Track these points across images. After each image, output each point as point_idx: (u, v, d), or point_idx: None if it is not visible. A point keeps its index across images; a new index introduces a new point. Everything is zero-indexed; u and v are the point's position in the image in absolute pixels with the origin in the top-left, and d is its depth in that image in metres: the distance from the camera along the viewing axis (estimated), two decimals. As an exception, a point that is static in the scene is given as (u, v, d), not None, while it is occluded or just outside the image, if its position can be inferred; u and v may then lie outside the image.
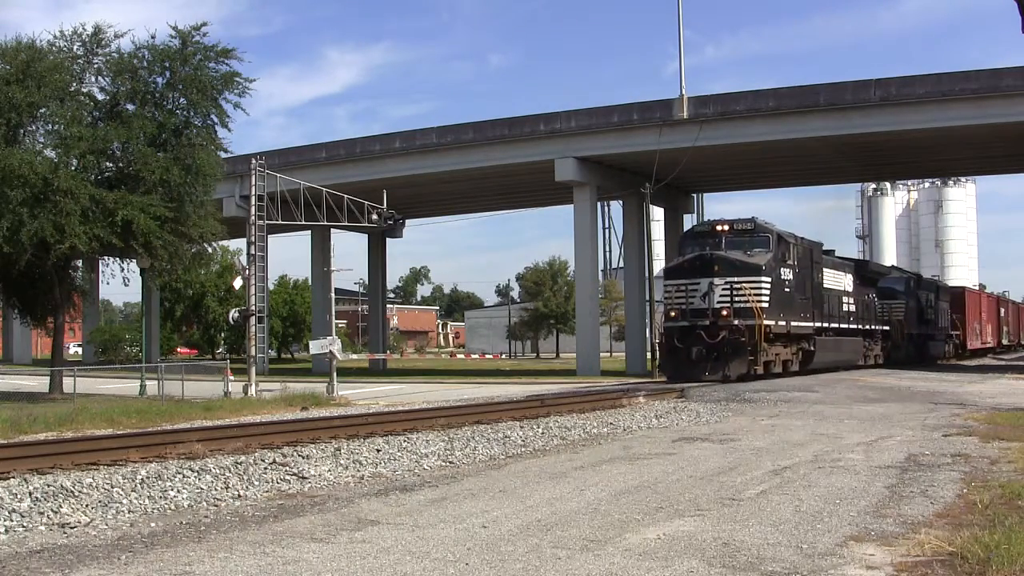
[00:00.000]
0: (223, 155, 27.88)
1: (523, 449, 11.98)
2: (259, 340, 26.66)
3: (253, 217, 25.93)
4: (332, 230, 48.11)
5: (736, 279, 24.12)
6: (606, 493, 8.48)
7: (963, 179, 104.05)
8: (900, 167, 49.64)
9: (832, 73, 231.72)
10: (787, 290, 25.75)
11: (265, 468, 9.69)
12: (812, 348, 27.73)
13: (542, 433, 13.40)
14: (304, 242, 52.52)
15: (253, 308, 25.47)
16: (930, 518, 7.27)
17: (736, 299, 24.00)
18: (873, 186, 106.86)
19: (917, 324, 41.88)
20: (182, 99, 25.61)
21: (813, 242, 29.10)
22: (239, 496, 8.51)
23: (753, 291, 23.96)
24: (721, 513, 7.51)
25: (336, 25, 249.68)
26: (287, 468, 9.71)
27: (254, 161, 26.75)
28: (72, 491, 8.18)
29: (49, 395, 25.51)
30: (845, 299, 31.98)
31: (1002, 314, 63.73)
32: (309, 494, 8.70)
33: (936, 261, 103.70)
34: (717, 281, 24.20)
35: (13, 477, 8.96)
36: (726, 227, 25.37)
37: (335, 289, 56.84)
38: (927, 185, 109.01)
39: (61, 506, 7.72)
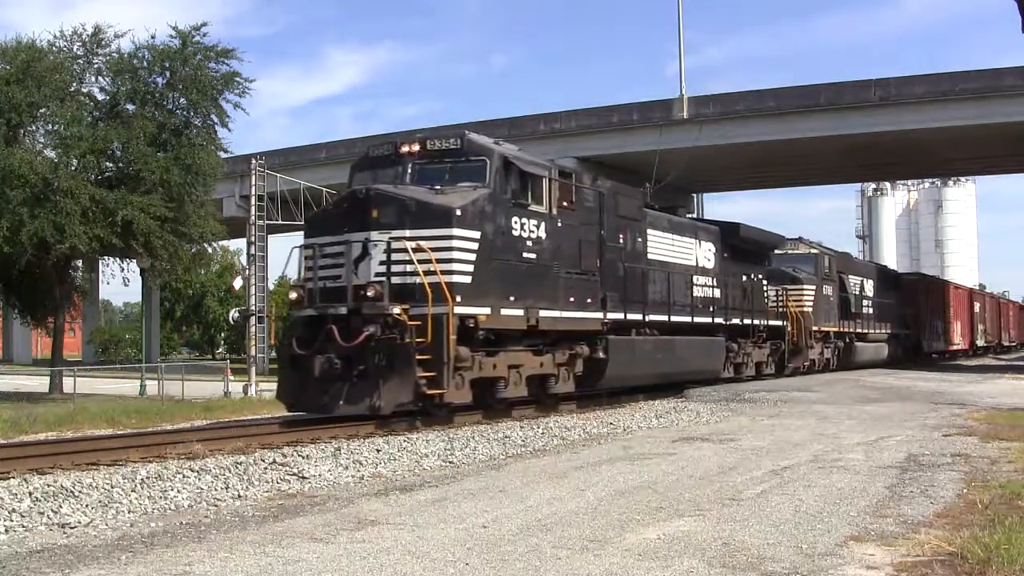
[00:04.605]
0: (223, 155, 27.92)
1: (523, 449, 11.98)
2: (259, 340, 26.67)
3: (253, 217, 25.95)
4: (332, 230, 47.98)
5: (406, 233, 13.35)
6: (606, 493, 8.48)
7: (963, 179, 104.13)
8: (900, 167, 49.67)
9: (832, 73, 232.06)
10: (529, 256, 15.02)
11: (265, 468, 9.69)
12: (602, 354, 16.89)
13: (542, 433, 13.40)
14: (304, 242, 52.42)
15: (253, 308, 25.48)
16: (930, 518, 7.27)
17: (399, 268, 13.31)
18: (873, 186, 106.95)
19: (837, 318, 31.27)
20: (182, 99, 25.64)
21: (618, 185, 18.93)
22: (239, 496, 8.51)
23: (437, 253, 13.30)
24: (721, 513, 7.51)
25: (338, 25, 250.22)
26: (287, 468, 9.71)
27: (254, 161, 26.77)
28: (72, 491, 8.18)
29: (49, 395, 25.53)
30: (698, 279, 21.37)
31: (976, 310, 54.10)
32: (309, 494, 8.70)
33: (936, 261, 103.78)
34: (376, 238, 13.36)
35: (13, 477, 8.96)
36: (415, 147, 14.82)
37: (335, 289, 56.66)
38: (927, 185, 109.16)
39: (61, 506, 7.72)
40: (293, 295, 14.60)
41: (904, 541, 6.46)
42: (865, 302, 34.72)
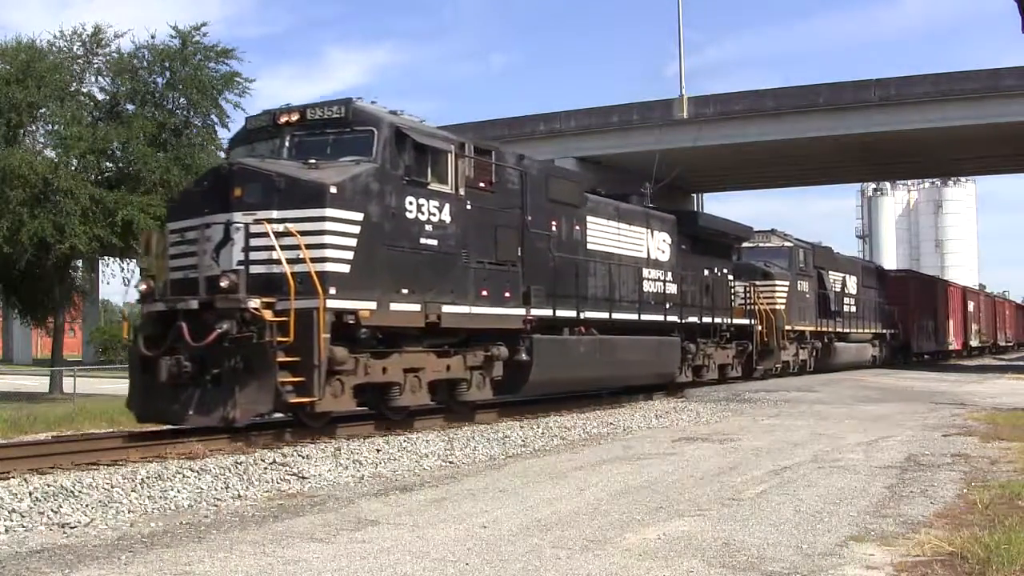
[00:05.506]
0: (223, 155, 27.91)
1: (523, 449, 11.98)
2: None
3: (253, 217, 25.88)
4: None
5: (273, 214, 11.50)
6: (606, 493, 8.48)
7: (963, 179, 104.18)
8: (900, 167, 49.69)
9: (832, 73, 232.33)
10: (429, 242, 13.07)
11: (265, 468, 9.70)
12: (525, 356, 14.93)
13: (542, 433, 13.40)
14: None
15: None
16: (930, 518, 7.28)
17: (262, 256, 11.47)
18: (873, 186, 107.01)
19: (815, 317, 29.10)
20: (182, 99, 25.63)
21: (550, 166, 17.13)
22: (239, 496, 8.51)
23: (307, 237, 11.43)
24: (721, 513, 7.52)
25: (339, 25, 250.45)
26: (287, 468, 9.71)
27: (254, 161, 26.72)
28: (72, 491, 8.18)
29: (49, 395, 25.52)
30: (650, 273, 19.20)
31: (970, 309, 52.03)
32: (309, 494, 8.71)
33: (936, 261, 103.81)
34: (239, 220, 11.57)
35: (13, 477, 8.96)
36: (295, 117, 12.93)
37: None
38: (927, 185, 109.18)
39: (61, 506, 7.72)
40: (143, 286, 12.56)
41: (904, 541, 6.47)
42: (847, 300, 32.52)
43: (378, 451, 11.02)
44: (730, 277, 23.52)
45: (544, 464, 10.55)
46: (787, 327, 26.72)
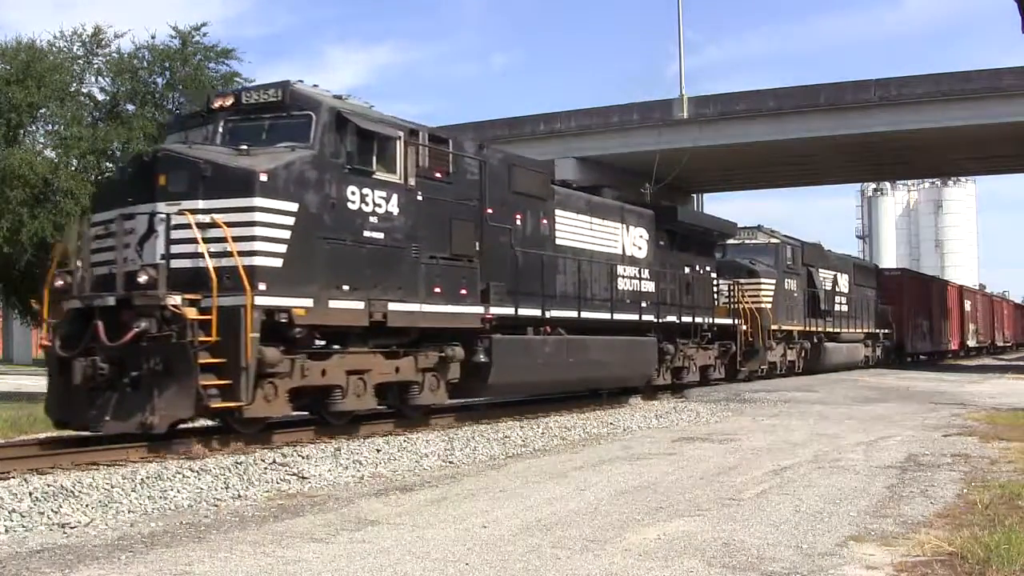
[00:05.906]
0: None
1: (523, 449, 11.99)
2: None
3: (253, 217, 25.87)
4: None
5: (199, 204, 10.79)
6: (606, 493, 8.49)
7: (963, 179, 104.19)
8: (900, 167, 49.69)
9: (832, 73, 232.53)
10: (373, 235, 12.17)
11: (265, 468, 9.70)
12: (483, 357, 13.97)
13: (542, 433, 13.41)
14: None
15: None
16: (930, 518, 7.29)
17: (186, 249, 10.73)
18: (873, 186, 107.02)
19: (804, 316, 28.01)
20: (182, 99, 25.66)
21: (514, 156, 16.41)
22: (239, 496, 8.52)
23: (235, 229, 10.64)
24: (721, 513, 7.52)
25: (339, 25, 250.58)
26: (287, 468, 9.71)
27: (254, 161, 26.73)
28: (72, 491, 8.18)
29: (49, 395, 25.51)
30: (625, 270, 18.24)
31: (967, 308, 51.16)
32: (309, 494, 8.71)
33: (936, 261, 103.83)
34: (163, 210, 10.77)
35: (13, 477, 8.96)
36: (229, 101, 12.30)
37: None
38: (927, 185, 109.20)
39: (61, 506, 7.72)
40: (59, 282, 11.50)
41: (904, 541, 6.47)
42: (839, 298, 31.39)
43: (378, 451, 11.02)
44: (713, 275, 22.56)
45: (544, 464, 10.56)
46: (773, 327, 25.81)
